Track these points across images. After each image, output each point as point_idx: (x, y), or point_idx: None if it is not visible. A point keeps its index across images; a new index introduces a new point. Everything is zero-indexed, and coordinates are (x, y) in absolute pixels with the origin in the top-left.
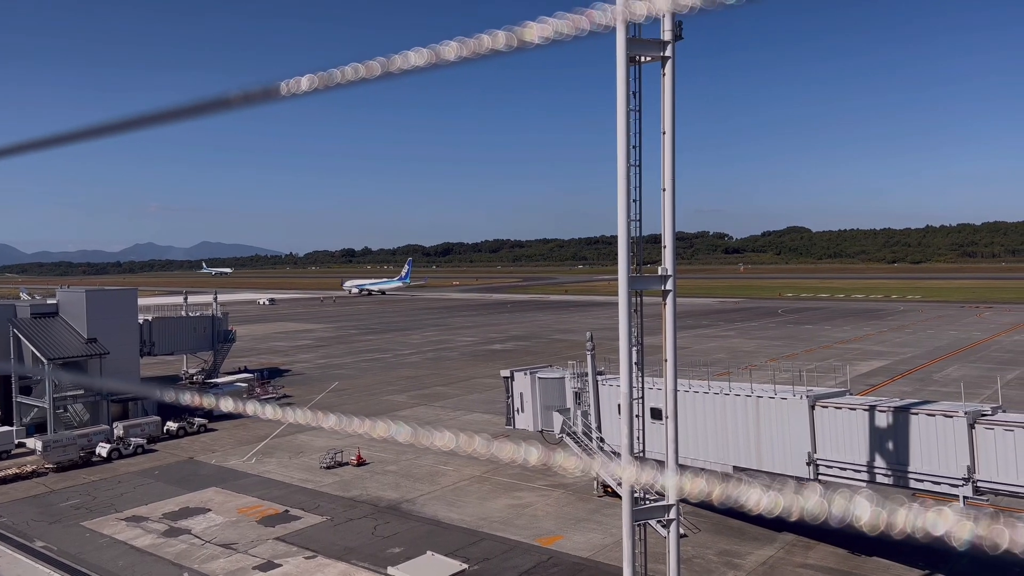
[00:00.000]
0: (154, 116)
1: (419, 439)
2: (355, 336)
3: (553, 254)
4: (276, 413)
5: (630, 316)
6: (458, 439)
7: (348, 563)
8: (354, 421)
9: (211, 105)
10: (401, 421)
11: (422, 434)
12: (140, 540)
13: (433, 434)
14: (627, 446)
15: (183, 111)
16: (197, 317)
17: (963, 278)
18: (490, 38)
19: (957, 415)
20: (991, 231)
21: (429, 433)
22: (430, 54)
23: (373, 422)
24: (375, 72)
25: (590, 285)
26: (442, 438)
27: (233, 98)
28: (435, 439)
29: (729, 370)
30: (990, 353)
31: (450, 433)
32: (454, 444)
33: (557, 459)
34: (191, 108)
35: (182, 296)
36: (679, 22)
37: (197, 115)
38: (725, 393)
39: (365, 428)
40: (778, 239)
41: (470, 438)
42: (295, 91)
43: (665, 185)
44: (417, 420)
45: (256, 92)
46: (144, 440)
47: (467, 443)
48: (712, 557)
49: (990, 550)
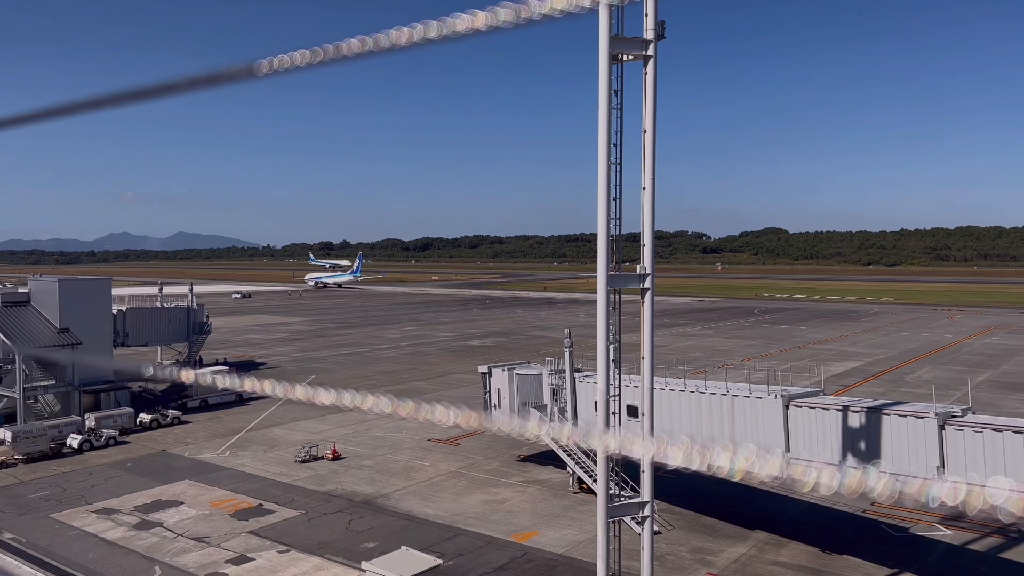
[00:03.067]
0: (126, 95)
1: (421, 414)
2: (332, 330)
3: (533, 251)
4: (276, 389)
5: (608, 314)
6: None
7: (322, 557)
8: (348, 395)
9: (186, 84)
10: (404, 398)
11: (425, 409)
12: (111, 533)
13: (436, 408)
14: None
15: (158, 89)
16: (172, 308)
17: (936, 281)
18: (470, 17)
19: (928, 416)
20: (964, 235)
21: (432, 408)
22: (410, 33)
23: (367, 396)
24: (355, 50)
25: (569, 282)
26: (444, 413)
27: (212, 76)
28: (437, 413)
29: (705, 369)
30: (961, 355)
31: (443, 408)
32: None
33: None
34: (165, 87)
35: (157, 287)
36: (662, 21)
37: (172, 93)
38: (701, 391)
39: (367, 403)
40: (755, 240)
41: (465, 413)
42: (276, 69)
43: (645, 184)
44: (394, 416)
45: (237, 70)
46: (116, 432)
47: (466, 418)
48: (685, 554)
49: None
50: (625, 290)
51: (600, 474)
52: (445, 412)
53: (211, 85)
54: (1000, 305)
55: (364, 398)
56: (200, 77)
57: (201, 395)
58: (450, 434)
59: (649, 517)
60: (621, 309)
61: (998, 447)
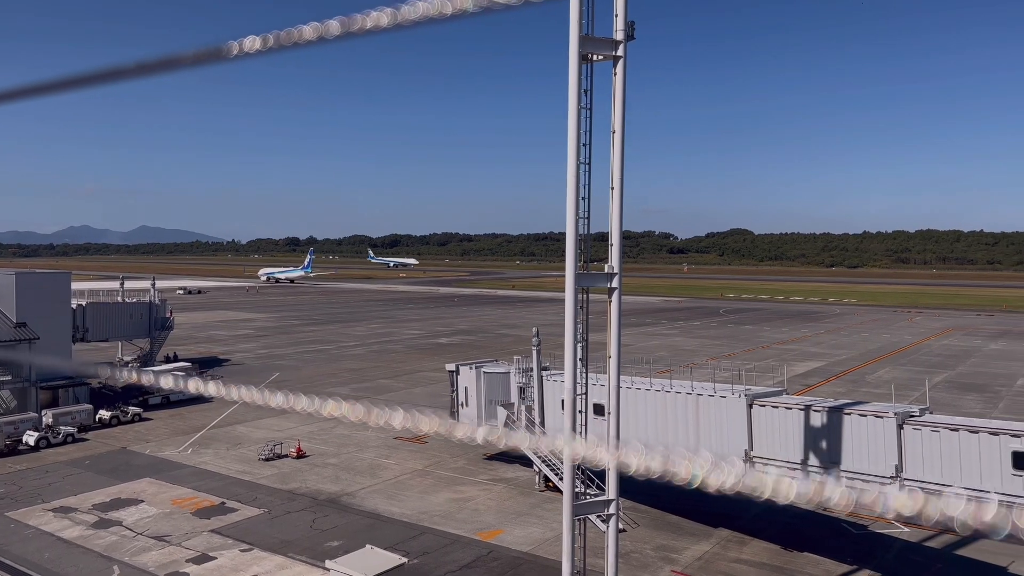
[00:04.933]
0: (82, 78)
1: (372, 418)
2: (297, 327)
3: (501, 249)
4: (219, 390)
5: (576, 312)
6: (411, 417)
7: (285, 556)
8: (301, 400)
9: (136, 69)
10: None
11: (375, 413)
12: (68, 532)
13: (386, 412)
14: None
15: (114, 72)
16: (134, 303)
17: (896, 283)
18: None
19: (887, 416)
20: (923, 239)
21: (382, 412)
22: (376, 17)
23: (322, 400)
24: (308, 37)
25: (537, 281)
26: (396, 417)
27: (178, 58)
28: (389, 418)
29: (671, 368)
30: (920, 356)
31: (403, 411)
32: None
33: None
34: (120, 70)
35: (118, 281)
36: (631, 22)
37: (127, 77)
38: (666, 391)
39: (314, 407)
40: (721, 240)
41: (421, 415)
42: (245, 51)
43: (614, 184)
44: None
45: (203, 53)
46: (75, 429)
47: (419, 422)
48: (649, 552)
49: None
50: (593, 289)
51: (566, 472)
52: (407, 417)
53: (169, 69)
54: (958, 307)
55: (323, 403)
56: (154, 61)
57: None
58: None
59: (614, 515)
60: (589, 308)
61: (954, 446)
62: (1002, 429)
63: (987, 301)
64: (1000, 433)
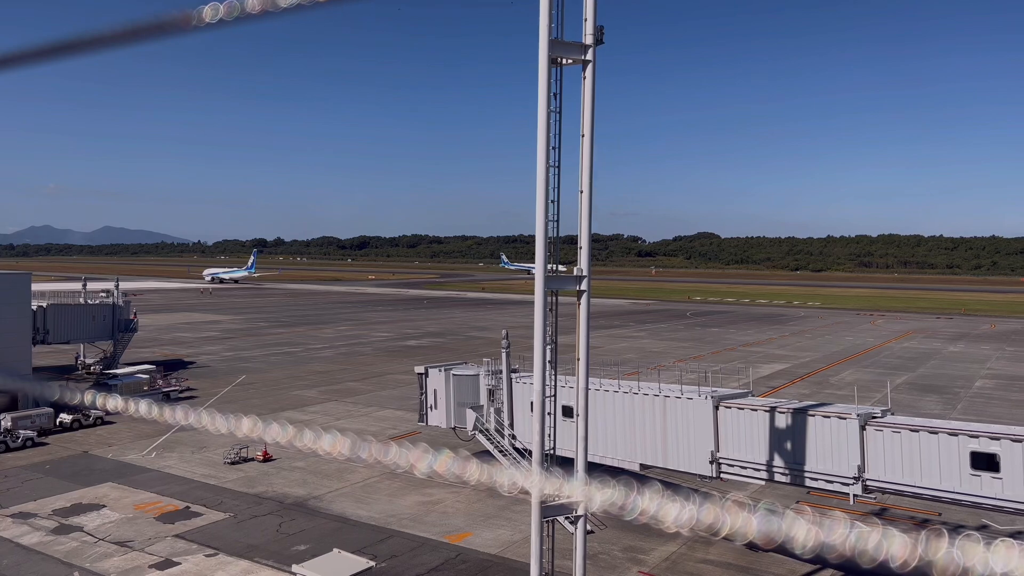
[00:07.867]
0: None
1: (306, 442)
2: (264, 329)
3: (471, 251)
4: (153, 412)
5: (545, 315)
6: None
7: (251, 561)
8: (244, 422)
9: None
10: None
11: (308, 436)
12: (27, 538)
13: (323, 437)
14: (538, 443)
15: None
16: (96, 305)
17: (859, 287)
18: None
19: (850, 417)
20: (886, 243)
21: (317, 435)
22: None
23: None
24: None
25: (506, 283)
26: (339, 442)
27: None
28: (324, 443)
29: (638, 370)
30: (881, 358)
31: (343, 437)
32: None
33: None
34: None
35: (80, 282)
36: (600, 27)
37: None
38: (634, 392)
39: (257, 431)
40: (689, 244)
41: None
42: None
43: (583, 187)
44: (328, 415)
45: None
46: (34, 432)
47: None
48: (617, 553)
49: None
50: (562, 292)
51: (534, 474)
52: (333, 443)
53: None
54: (919, 310)
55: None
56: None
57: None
58: (386, 434)
59: (582, 516)
60: (558, 310)
61: (914, 446)
62: (960, 430)
63: (947, 305)
64: (959, 434)
